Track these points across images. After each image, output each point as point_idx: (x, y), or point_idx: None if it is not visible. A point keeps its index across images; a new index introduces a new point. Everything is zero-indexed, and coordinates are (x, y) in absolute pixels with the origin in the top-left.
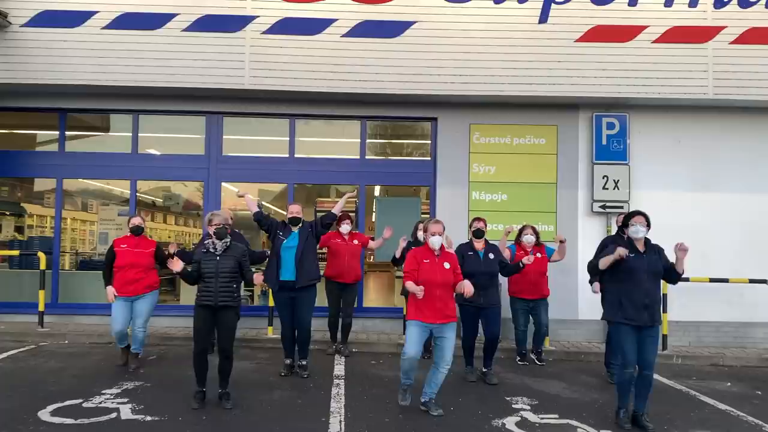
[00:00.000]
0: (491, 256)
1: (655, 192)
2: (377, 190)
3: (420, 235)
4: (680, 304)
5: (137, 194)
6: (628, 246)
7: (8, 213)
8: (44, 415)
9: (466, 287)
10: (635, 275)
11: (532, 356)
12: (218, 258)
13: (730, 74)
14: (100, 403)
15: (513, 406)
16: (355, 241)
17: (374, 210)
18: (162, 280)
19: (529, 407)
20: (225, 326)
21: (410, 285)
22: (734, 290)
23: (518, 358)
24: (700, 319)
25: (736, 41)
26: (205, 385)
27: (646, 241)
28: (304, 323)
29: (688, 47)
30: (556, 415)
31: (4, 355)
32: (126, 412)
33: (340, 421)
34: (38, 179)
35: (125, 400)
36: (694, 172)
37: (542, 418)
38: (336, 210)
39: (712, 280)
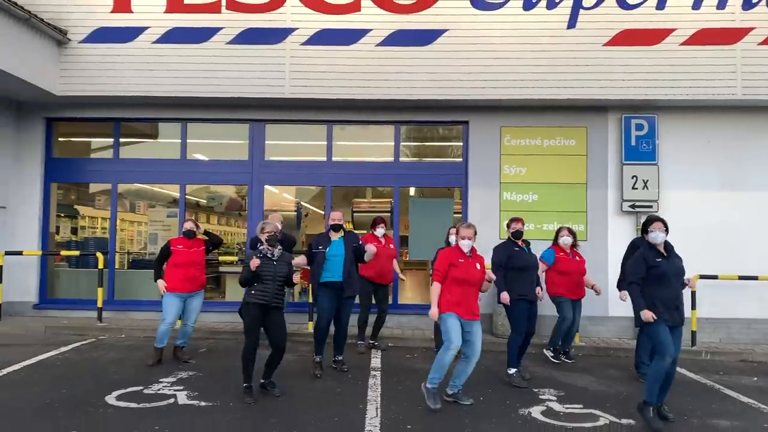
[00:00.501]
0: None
1: (684, 191)
2: (412, 190)
3: (452, 239)
4: (710, 302)
5: (195, 198)
6: (652, 251)
7: (63, 215)
8: (111, 399)
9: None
10: (665, 279)
11: (561, 356)
12: (275, 263)
13: (758, 74)
14: (159, 390)
15: (540, 396)
16: (391, 245)
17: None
18: (208, 278)
19: (555, 398)
20: (279, 325)
21: (434, 294)
22: (765, 288)
23: (552, 355)
24: (730, 317)
25: (764, 42)
26: (252, 381)
27: (665, 244)
28: (345, 323)
29: (717, 48)
30: (581, 405)
31: (69, 347)
32: (182, 398)
33: (377, 408)
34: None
35: (181, 387)
36: (722, 172)
37: (567, 408)
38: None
39: (741, 278)
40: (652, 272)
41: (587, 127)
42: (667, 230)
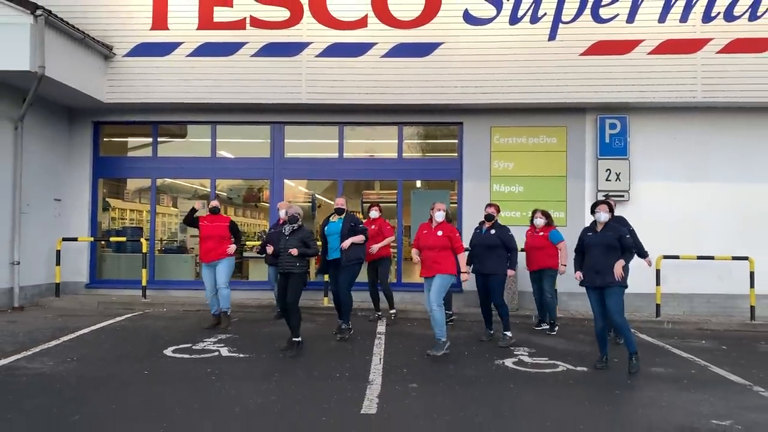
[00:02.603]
0: (492, 232)
1: (653, 182)
2: (419, 183)
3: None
4: (675, 280)
5: (216, 191)
6: (589, 228)
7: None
8: (168, 352)
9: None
10: (589, 249)
11: (544, 326)
12: (287, 238)
13: (716, 80)
14: (205, 347)
15: (514, 353)
16: (373, 226)
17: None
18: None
19: (526, 353)
20: (289, 287)
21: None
22: (723, 267)
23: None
24: (693, 292)
25: (722, 51)
26: (297, 335)
27: (607, 224)
28: (342, 292)
29: (680, 57)
30: (547, 358)
31: (123, 317)
32: (224, 352)
33: (380, 359)
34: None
35: (222, 345)
36: (687, 165)
37: (534, 360)
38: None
39: (699, 258)
40: (584, 243)
41: (567, 127)
42: (611, 211)
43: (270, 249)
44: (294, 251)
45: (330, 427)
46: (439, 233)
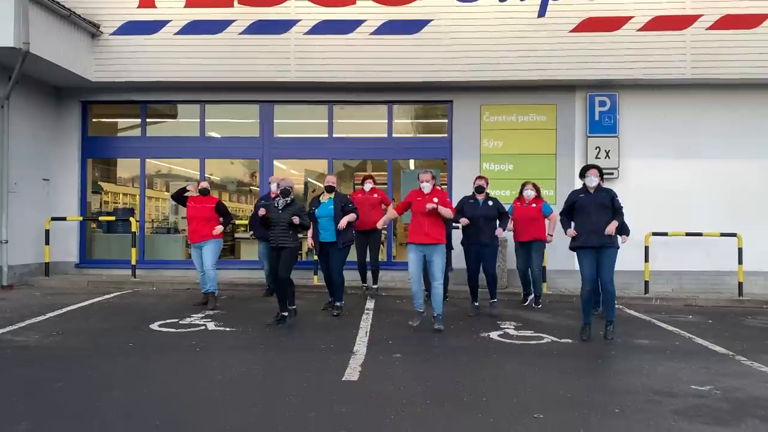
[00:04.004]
0: (490, 203)
1: (642, 160)
2: (412, 163)
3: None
4: (663, 257)
5: (208, 176)
6: (580, 190)
7: (90, 191)
8: (154, 326)
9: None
10: (584, 209)
11: (531, 301)
12: (280, 212)
13: (706, 56)
14: (191, 321)
15: (501, 326)
16: (375, 195)
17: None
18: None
19: (512, 327)
20: (282, 261)
21: (389, 210)
22: (712, 243)
23: (521, 299)
24: (681, 269)
25: (712, 27)
26: (285, 311)
27: (598, 186)
28: (337, 270)
29: (669, 33)
30: (532, 331)
31: (112, 295)
32: (211, 326)
33: (366, 332)
34: (119, 162)
35: (209, 320)
36: (676, 143)
37: (520, 333)
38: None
39: (687, 234)
40: (576, 205)
41: (556, 105)
42: (601, 177)
43: (262, 211)
44: (296, 219)
45: (310, 392)
46: (435, 200)
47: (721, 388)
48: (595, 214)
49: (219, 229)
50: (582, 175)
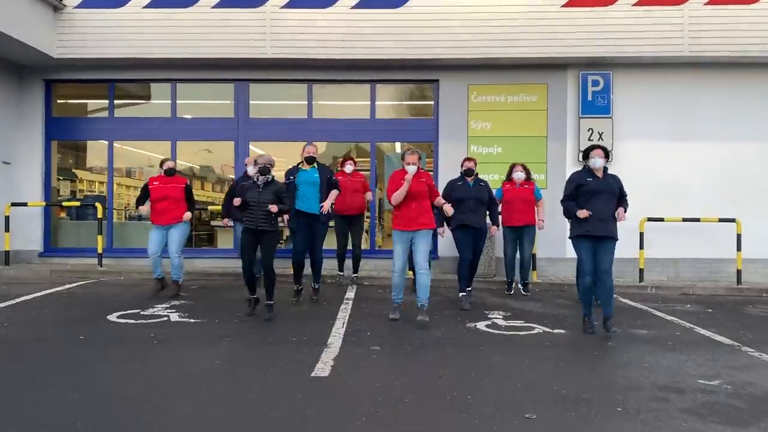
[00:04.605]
0: (481, 184)
1: (637, 142)
2: (398, 146)
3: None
4: (659, 244)
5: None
6: (585, 173)
7: (63, 178)
8: (112, 317)
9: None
10: (593, 195)
11: (519, 287)
12: (260, 190)
13: (704, 33)
14: (154, 312)
15: (489, 316)
16: (357, 178)
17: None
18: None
19: (501, 317)
20: (265, 246)
21: (399, 190)
22: (709, 229)
23: (506, 288)
24: (677, 257)
25: (710, 2)
26: (255, 293)
27: (604, 169)
28: (319, 249)
29: (665, 9)
30: (523, 321)
31: (74, 285)
32: (174, 317)
33: (344, 323)
34: (90, 147)
35: (174, 310)
36: (673, 124)
37: (509, 323)
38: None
39: (684, 220)
40: (582, 190)
41: (548, 84)
42: (607, 157)
43: (237, 201)
44: (273, 207)
45: (274, 390)
46: (420, 180)
47: (732, 382)
48: (603, 202)
49: (188, 215)
50: (585, 155)
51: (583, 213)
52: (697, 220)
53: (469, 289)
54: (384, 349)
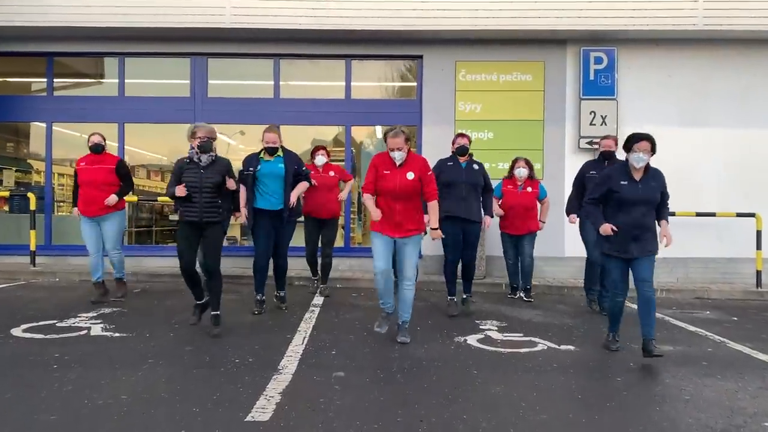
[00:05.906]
0: (475, 167)
1: (644, 127)
2: (378, 130)
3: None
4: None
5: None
6: (621, 172)
7: (15, 168)
8: (16, 331)
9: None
10: (623, 205)
11: (521, 294)
12: (202, 171)
13: (721, 3)
14: (73, 323)
15: (480, 327)
16: (332, 173)
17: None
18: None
19: (495, 328)
20: (210, 243)
21: (368, 202)
22: (722, 225)
23: (509, 292)
24: (688, 256)
25: None
26: (202, 299)
27: (647, 167)
28: (284, 253)
29: None
30: (521, 334)
31: None
32: (96, 330)
33: (305, 338)
34: (33, 131)
35: (99, 321)
36: (683, 108)
37: (506, 336)
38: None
39: (698, 215)
40: (614, 196)
41: (545, 62)
42: (653, 152)
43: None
44: (231, 183)
45: None
46: (410, 175)
47: None
48: (641, 212)
49: (113, 199)
50: (627, 147)
51: (606, 229)
52: (713, 214)
53: (469, 294)
54: (349, 376)
